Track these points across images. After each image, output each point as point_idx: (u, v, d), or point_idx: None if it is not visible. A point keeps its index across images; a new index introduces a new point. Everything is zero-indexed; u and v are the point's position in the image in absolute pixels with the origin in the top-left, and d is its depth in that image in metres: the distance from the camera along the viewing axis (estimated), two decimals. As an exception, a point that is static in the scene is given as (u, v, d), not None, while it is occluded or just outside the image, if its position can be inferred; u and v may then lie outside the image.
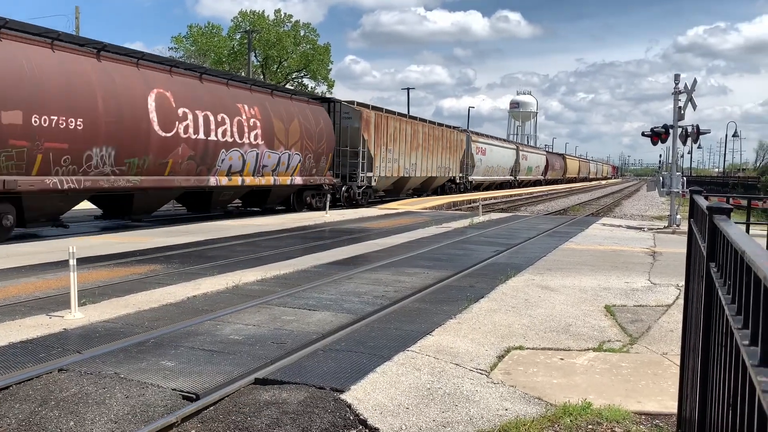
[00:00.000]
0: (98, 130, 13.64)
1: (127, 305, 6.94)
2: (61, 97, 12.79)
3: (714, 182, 63.10)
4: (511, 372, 4.96)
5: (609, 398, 4.41)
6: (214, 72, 19.79)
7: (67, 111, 12.87)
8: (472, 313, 6.89)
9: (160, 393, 4.31)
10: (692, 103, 17.93)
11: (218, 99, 17.61)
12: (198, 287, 8.00)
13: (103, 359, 5.02)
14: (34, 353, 5.16)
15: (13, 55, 12.12)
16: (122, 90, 14.39)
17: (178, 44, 54.07)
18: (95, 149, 13.66)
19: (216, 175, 17.62)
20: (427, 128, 34.02)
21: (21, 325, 6.04)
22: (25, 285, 8.02)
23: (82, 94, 13.30)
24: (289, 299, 7.47)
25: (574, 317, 6.84)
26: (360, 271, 9.61)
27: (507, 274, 9.37)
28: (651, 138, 18.79)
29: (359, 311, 6.91)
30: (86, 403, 4.11)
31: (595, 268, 10.28)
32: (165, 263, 9.97)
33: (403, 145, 30.27)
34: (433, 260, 10.96)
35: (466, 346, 5.61)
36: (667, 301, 7.82)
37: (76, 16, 35.24)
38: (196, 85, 17.06)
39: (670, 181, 18.41)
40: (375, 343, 5.66)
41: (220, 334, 5.88)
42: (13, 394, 4.26)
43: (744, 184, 50.85)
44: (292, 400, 4.23)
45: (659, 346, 5.81)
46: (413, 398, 4.31)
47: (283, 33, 55.35)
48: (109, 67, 14.36)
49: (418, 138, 32.36)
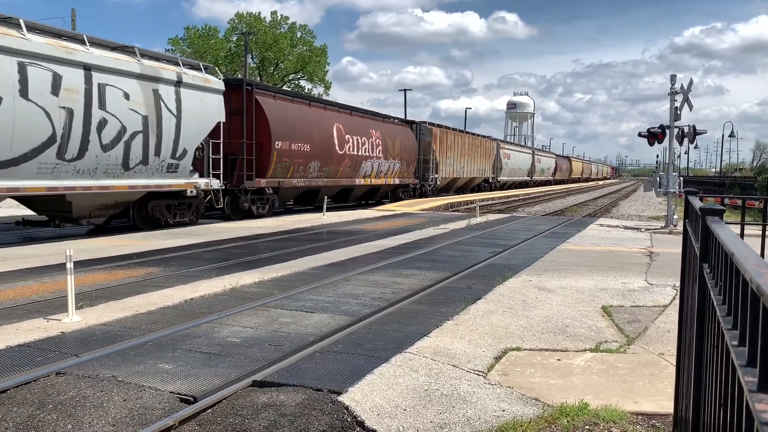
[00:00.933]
0: (314, 150, 22.72)
1: (125, 308, 6.94)
2: (300, 131, 21.89)
3: (711, 182, 63.21)
4: (509, 373, 4.98)
5: (606, 399, 4.43)
6: (360, 109, 28.40)
7: (302, 139, 21.99)
8: (470, 314, 6.90)
9: (158, 396, 4.32)
10: (689, 104, 17.98)
11: (361, 127, 27.00)
12: (195, 290, 8.01)
13: (100, 362, 5.02)
14: (31, 357, 5.16)
15: (284, 108, 21.50)
16: (321, 125, 23.47)
17: (175, 46, 54.09)
18: (312, 162, 22.74)
19: (358, 177, 26.85)
20: (470, 138, 42.41)
21: (18, 328, 6.04)
22: (22, 288, 8.01)
23: (307, 129, 22.38)
24: (286, 301, 7.48)
25: (571, 318, 6.86)
26: (357, 272, 9.62)
27: (504, 275, 9.39)
28: (647, 138, 18.84)
29: (357, 313, 6.93)
30: (84, 406, 4.11)
31: (593, 269, 10.30)
32: (163, 266, 9.97)
33: (456, 153, 38.78)
34: (430, 262, 10.97)
35: (464, 347, 5.62)
36: (663, 302, 7.84)
37: (72, 18, 35.26)
38: (350, 118, 26.40)
39: (666, 182, 18.46)
40: (372, 344, 5.68)
41: (217, 336, 5.89)
42: (10, 398, 4.26)
43: (741, 184, 50.95)
44: (289, 402, 4.24)
45: (656, 347, 5.83)
46: (410, 400, 4.32)
47: (280, 35, 55.43)
48: (314, 111, 23.54)
49: (465, 147, 40.50)
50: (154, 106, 15.36)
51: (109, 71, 14.09)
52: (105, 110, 13.96)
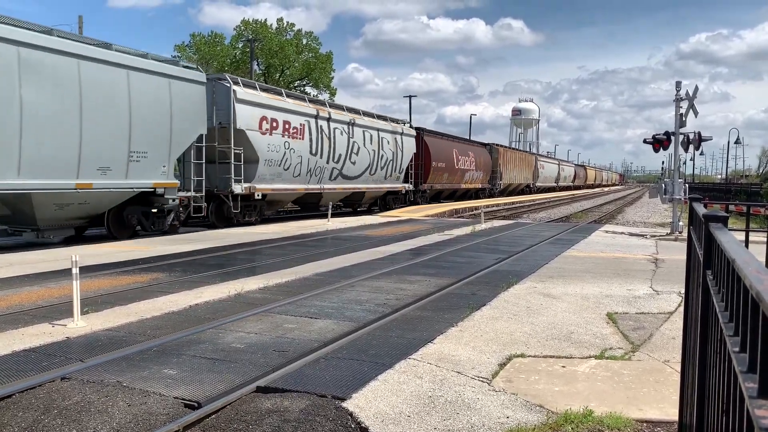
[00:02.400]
0: (446, 167, 37.26)
1: (130, 314, 6.96)
2: (441, 155, 36.15)
3: (716, 189, 62.99)
4: (513, 380, 4.97)
5: (610, 406, 4.42)
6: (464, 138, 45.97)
7: (442, 160, 36.32)
8: (474, 320, 6.90)
9: (162, 401, 4.33)
10: (694, 110, 17.95)
11: (465, 149, 41.58)
12: (200, 295, 8.03)
13: (105, 368, 5.04)
14: (36, 362, 5.18)
15: (434, 141, 36.27)
16: (448, 151, 37.75)
17: (181, 53, 54.34)
18: (444, 174, 36.85)
19: (463, 183, 41.18)
20: (519, 154, 59.84)
21: (24, 333, 6.06)
22: (28, 294, 8.05)
23: (443, 154, 36.74)
24: (290, 307, 7.49)
25: (576, 325, 6.85)
26: (361, 278, 9.63)
27: (509, 281, 9.38)
28: (653, 145, 18.81)
29: (361, 319, 6.93)
30: (89, 411, 4.13)
31: (598, 276, 10.28)
32: (168, 271, 10.00)
33: (511, 165, 52.82)
34: (434, 268, 10.97)
35: (468, 353, 5.61)
36: (669, 309, 7.81)
37: (80, 25, 35.48)
38: (460, 144, 41.67)
39: (672, 188, 18.42)
40: (376, 351, 5.68)
41: (222, 342, 5.90)
42: (15, 403, 4.28)
43: (747, 190, 50.74)
44: (293, 408, 4.24)
45: (661, 354, 5.81)
46: (414, 406, 4.31)
47: (286, 42, 55.64)
48: (445, 141, 38.65)
49: (516, 161, 55.23)
50: (395, 146, 29.82)
51: (384, 131, 28.77)
52: (382, 149, 28.42)
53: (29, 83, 12.28)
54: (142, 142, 14.92)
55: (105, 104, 13.98)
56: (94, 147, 13.71)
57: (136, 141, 14.74)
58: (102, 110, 13.88)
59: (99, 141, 13.82)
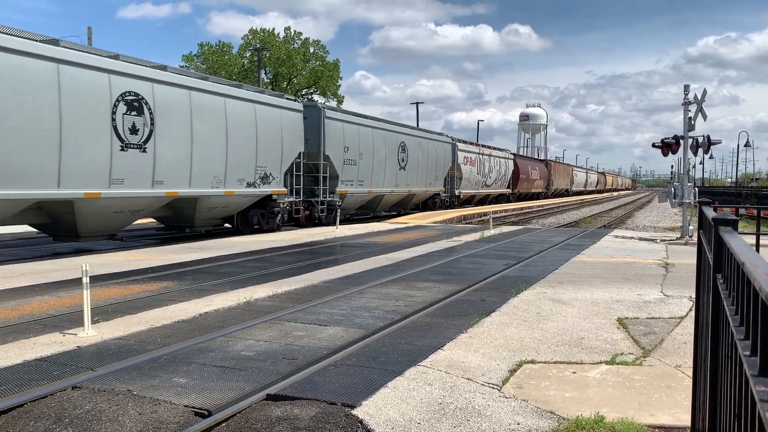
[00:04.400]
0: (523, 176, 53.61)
1: (140, 322, 6.99)
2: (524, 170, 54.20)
3: (727, 192, 62.59)
4: (523, 386, 4.95)
5: (622, 411, 4.39)
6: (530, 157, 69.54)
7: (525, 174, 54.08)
8: (484, 327, 6.88)
9: (173, 410, 4.34)
10: (702, 114, 17.88)
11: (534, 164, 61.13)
12: (210, 304, 8.05)
13: (116, 376, 5.05)
14: (48, 371, 5.21)
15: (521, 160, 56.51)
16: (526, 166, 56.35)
17: (189, 62, 54.69)
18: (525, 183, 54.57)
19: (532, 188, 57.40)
20: (562, 166, 77.00)
21: (35, 342, 6.10)
22: (39, 303, 8.10)
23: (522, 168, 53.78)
24: (300, 315, 7.50)
25: (586, 330, 6.81)
26: (370, 285, 9.63)
27: (518, 287, 9.35)
28: (662, 149, 18.74)
29: (370, 326, 6.92)
30: (99, 420, 4.14)
31: (608, 281, 10.23)
32: (177, 280, 10.03)
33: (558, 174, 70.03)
34: (443, 274, 10.95)
35: (478, 360, 5.60)
36: (680, 313, 7.76)
37: (89, 36, 35.78)
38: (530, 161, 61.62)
39: (681, 192, 18.32)
40: (386, 358, 5.67)
41: (231, 350, 5.91)
42: (27, 412, 4.30)
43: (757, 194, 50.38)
44: (303, 416, 4.24)
45: (672, 359, 5.77)
46: (425, 413, 4.30)
47: (293, 50, 55.90)
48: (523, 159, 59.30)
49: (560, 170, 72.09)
50: (500, 167, 45.38)
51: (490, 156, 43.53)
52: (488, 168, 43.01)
53: (197, 117, 16.43)
54: (264, 158, 19.18)
55: (241, 131, 18.13)
56: (235, 163, 17.85)
57: (260, 158, 19.02)
58: (239, 135, 18.04)
59: (238, 159, 17.98)
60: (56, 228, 14.03)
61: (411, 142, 29.85)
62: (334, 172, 23.16)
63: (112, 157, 13.83)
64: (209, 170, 16.87)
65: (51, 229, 14.23)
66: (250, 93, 18.97)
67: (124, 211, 14.66)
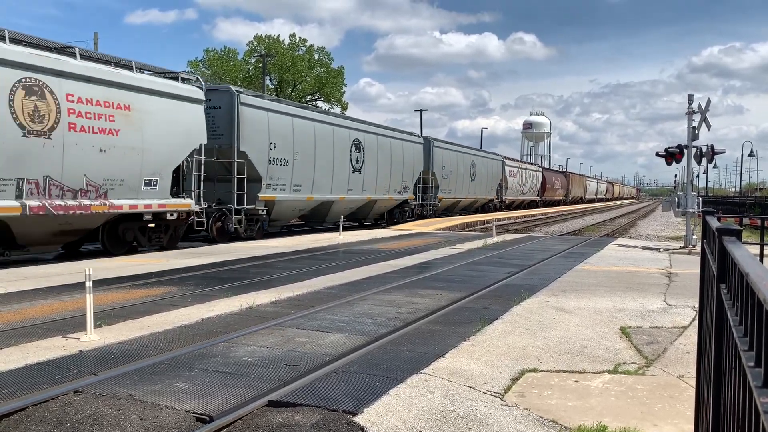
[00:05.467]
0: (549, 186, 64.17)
1: (142, 327, 6.99)
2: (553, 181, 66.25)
3: (730, 202, 62.46)
4: (526, 395, 4.93)
5: (624, 421, 4.37)
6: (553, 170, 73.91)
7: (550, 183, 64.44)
8: (486, 335, 6.86)
9: (174, 415, 4.33)
10: (706, 123, 17.87)
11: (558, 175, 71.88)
12: (212, 309, 8.05)
13: (118, 381, 5.05)
14: (50, 375, 5.21)
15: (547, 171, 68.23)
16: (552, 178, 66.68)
17: (194, 68, 54.88)
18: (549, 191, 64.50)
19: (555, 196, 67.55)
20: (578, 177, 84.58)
21: (38, 346, 6.10)
22: (42, 307, 8.11)
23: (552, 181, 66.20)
24: (302, 321, 7.49)
25: (589, 339, 6.79)
26: (373, 292, 9.62)
27: (521, 295, 9.33)
28: (665, 158, 18.73)
29: (372, 333, 6.91)
30: (101, 425, 4.14)
31: (611, 290, 10.21)
32: (180, 285, 10.04)
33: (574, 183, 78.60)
34: (446, 281, 10.94)
35: (480, 368, 5.58)
36: (683, 323, 7.74)
37: (95, 41, 35.94)
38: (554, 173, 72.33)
39: (685, 201, 18.29)
40: (388, 365, 5.66)
41: (233, 355, 5.91)
42: (29, 416, 4.30)
43: (761, 203, 50.26)
44: (305, 423, 4.23)
45: (675, 369, 5.75)
46: (426, 421, 4.29)
47: (298, 57, 56.04)
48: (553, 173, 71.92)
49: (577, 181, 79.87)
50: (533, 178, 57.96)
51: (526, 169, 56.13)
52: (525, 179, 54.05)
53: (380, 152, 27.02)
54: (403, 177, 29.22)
55: (388, 157, 27.52)
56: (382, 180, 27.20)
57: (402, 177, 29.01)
58: (386, 160, 27.24)
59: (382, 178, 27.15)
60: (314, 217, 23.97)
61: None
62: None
63: (349, 177, 24.25)
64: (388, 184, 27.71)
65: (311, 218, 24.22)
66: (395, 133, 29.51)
67: (349, 207, 25.06)
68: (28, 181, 12.01)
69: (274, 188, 19.79)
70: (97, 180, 13.43)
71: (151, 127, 14.65)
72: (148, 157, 14.60)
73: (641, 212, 62.76)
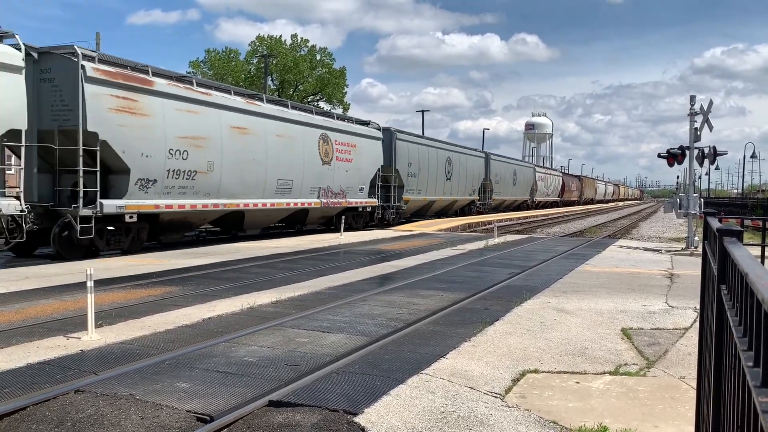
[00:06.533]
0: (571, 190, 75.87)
1: (143, 327, 7.00)
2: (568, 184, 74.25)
3: (732, 203, 62.38)
4: (526, 395, 4.93)
5: (625, 422, 4.37)
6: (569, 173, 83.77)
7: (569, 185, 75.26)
8: (487, 335, 6.86)
9: (175, 415, 4.34)
10: (708, 125, 17.85)
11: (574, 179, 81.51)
12: (213, 309, 8.05)
13: (118, 380, 5.06)
14: (51, 374, 5.22)
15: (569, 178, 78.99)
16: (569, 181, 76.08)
17: (196, 69, 54.93)
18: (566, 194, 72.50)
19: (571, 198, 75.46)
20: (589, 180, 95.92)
21: (39, 346, 6.11)
22: (43, 306, 8.12)
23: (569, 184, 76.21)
24: (303, 321, 7.49)
25: (590, 340, 6.79)
26: (374, 293, 9.62)
27: (522, 296, 9.33)
28: (667, 159, 18.70)
29: (373, 333, 6.91)
30: (102, 424, 4.14)
31: (612, 291, 10.20)
32: (181, 285, 10.05)
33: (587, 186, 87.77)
34: (447, 282, 10.93)
35: (481, 369, 5.58)
36: (684, 324, 7.73)
37: (97, 41, 35.99)
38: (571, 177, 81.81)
39: (687, 203, 18.27)
40: (389, 365, 5.66)
41: (234, 356, 5.91)
42: (30, 415, 4.31)
43: (763, 205, 50.16)
44: (305, 423, 4.23)
45: (677, 370, 5.74)
46: (427, 422, 4.29)
47: (300, 57, 56.07)
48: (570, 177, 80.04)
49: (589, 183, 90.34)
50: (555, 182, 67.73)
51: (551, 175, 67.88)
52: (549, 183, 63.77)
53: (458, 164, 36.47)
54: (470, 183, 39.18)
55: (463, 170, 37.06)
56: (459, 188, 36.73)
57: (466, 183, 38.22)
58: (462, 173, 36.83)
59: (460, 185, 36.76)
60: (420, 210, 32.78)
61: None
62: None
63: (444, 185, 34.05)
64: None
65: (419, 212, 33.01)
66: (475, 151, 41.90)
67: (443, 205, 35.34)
68: (320, 188, 22.08)
69: (408, 192, 29.48)
70: (343, 187, 23.61)
71: (363, 157, 25.01)
72: (361, 174, 24.98)
73: (643, 214, 62.70)
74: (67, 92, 13.31)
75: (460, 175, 36.84)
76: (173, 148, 15.40)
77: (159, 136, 14.99)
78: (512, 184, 48.43)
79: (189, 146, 15.90)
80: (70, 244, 13.50)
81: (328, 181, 22.41)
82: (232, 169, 17.46)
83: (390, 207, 27.97)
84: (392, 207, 28.12)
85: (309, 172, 21.25)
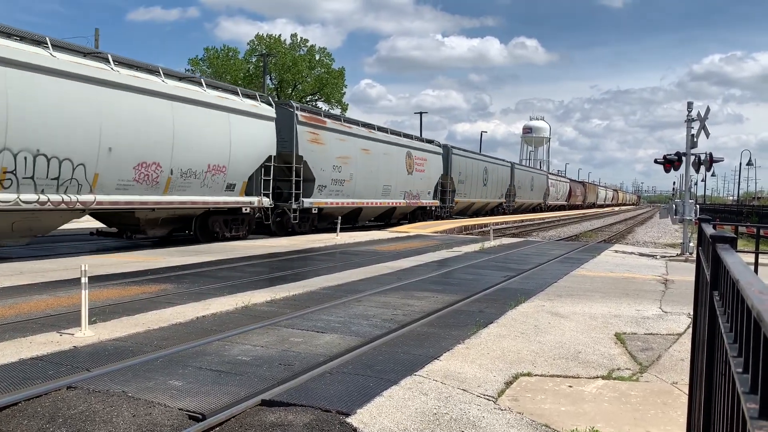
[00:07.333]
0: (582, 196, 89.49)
1: (137, 324, 6.99)
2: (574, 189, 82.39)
3: (728, 210, 62.59)
4: (519, 398, 4.94)
5: (617, 427, 4.38)
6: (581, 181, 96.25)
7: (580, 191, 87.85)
8: (481, 338, 6.87)
9: (167, 412, 4.33)
10: (705, 131, 17.90)
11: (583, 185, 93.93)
12: (207, 307, 8.04)
13: (111, 377, 5.05)
14: (43, 370, 5.21)
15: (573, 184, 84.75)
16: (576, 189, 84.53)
17: (195, 66, 54.88)
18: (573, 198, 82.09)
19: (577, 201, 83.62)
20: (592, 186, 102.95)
21: (32, 341, 6.09)
22: (37, 302, 8.10)
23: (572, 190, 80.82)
24: (297, 321, 7.49)
25: (583, 344, 6.80)
26: (369, 293, 9.62)
27: (517, 299, 9.34)
28: (663, 165, 18.75)
29: (367, 334, 6.91)
30: (93, 421, 4.13)
31: (606, 295, 10.22)
32: (176, 283, 10.03)
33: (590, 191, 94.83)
34: (442, 284, 10.94)
35: (474, 371, 5.59)
36: (678, 330, 7.75)
37: (96, 38, 35.92)
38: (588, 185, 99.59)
39: (683, 209, 18.32)
40: (382, 366, 5.66)
41: (228, 354, 5.90)
42: (21, 411, 4.30)
43: (759, 212, 50.33)
44: (297, 423, 4.23)
45: (669, 375, 5.75)
46: (419, 423, 4.29)
47: (299, 57, 56.09)
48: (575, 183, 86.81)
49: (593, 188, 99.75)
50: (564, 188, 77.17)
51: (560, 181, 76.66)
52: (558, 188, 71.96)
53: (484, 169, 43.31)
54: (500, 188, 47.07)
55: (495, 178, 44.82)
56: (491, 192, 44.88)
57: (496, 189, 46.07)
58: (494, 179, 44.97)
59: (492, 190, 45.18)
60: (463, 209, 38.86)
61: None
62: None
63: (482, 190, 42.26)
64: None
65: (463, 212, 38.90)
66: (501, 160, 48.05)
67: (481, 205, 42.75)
68: (405, 192, 29.20)
69: (459, 195, 37.44)
70: (418, 191, 30.78)
71: (430, 168, 32.25)
72: (429, 181, 32.16)
73: (639, 219, 62.85)
74: (285, 131, 20.90)
75: (493, 181, 45.23)
76: (334, 165, 23.19)
77: (328, 157, 22.81)
78: (530, 189, 56.79)
79: (341, 163, 23.66)
80: (280, 226, 21.58)
81: (410, 186, 30.16)
82: (361, 178, 25.18)
83: (445, 207, 36.09)
84: (447, 207, 36.47)
85: (399, 180, 28.87)
